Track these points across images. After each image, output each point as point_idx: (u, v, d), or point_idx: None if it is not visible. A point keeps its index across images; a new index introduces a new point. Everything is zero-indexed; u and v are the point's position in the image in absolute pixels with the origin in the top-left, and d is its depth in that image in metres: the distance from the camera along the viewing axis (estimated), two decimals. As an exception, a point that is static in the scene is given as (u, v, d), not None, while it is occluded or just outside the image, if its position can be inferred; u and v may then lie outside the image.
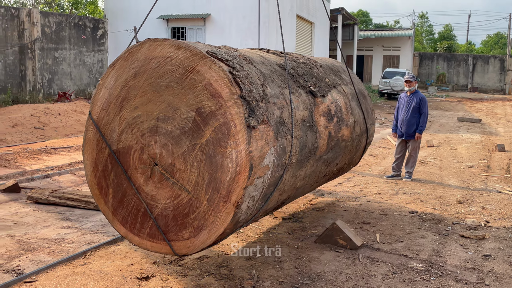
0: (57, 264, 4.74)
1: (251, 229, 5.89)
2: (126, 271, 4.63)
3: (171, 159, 3.93)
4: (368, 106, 6.62)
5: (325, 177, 5.67)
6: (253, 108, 3.83)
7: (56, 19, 22.16)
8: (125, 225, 4.22)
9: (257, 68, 4.33)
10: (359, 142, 6.30)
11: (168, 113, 3.91)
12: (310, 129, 4.76)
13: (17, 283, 4.29)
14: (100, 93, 4.21)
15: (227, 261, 4.89)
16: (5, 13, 19.66)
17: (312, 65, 5.55)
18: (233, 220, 3.85)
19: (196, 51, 3.82)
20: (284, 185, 4.48)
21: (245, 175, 3.73)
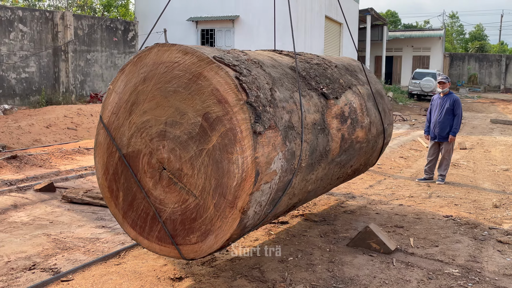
0: (93, 264, 4.82)
1: (283, 231, 5.87)
2: (160, 271, 4.68)
3: (179, 163, 3.95)
4: (386, 106, 6.52)
5: (339, 179, 5.61)
6: (259, 113, 3.81)
7: (89, 21, 22.56)
8: (135, 228, 4.26)
9: (266, 71, 4.31)
10: (376, 143, 6.21)
11: (175, 118, 3.93)
12: (321, 132, 4.71)
13: (54, 281, 4.36)
14: (110, 98, 4.26)
15: (259, 263, 4.89)
16: (40, 16, 20.12)
17: (327, 66, 5.49)
18: (239, 226, 3.85)
19: (202, 56, 3.82)
20: (294, 189, 4.45)
21: (251, 181, 3.72)
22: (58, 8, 31.17)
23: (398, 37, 44.20)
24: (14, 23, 19.05)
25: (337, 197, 7.73)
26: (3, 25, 18.57)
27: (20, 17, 19.26)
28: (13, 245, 5.47)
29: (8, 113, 16.50)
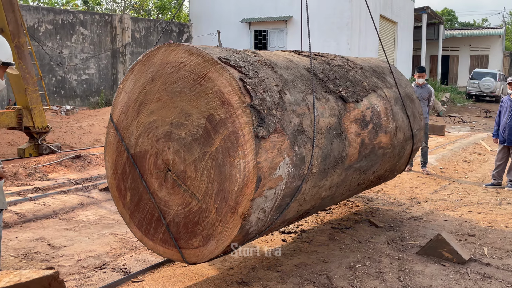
0: (161, 265, 4.81)
1: (347, 236, 5.73)
2: (227, 274, 4.63)
3: (183, 166, 3.88)
4: (416, 111, 6.23)
5: (359, 185, 5.39)
6: (263, 117, 3.69)
7: (145, 24, 23.05)
8: (141, 229, 4.23)
9: (278, 73, 4.17)
10: (403, 148, 5.94)
11: (181, 119, 3.86)
12: (337, 137, 4.53)
13: (126, 282, 4.41)
14: (120, 97, 4.25)
15: (326, 269, 4.77)
16: (99, 20, 20.73)
17: (350, 67, 5.29)
18: (240, 232, 3.75)
19: (208, 57, 3.73)
20: (305, 196, 4.30)
21: (252, 187, 3.60)
22: (114, 11, 31.99)
23: (455, 36, 42.57)
24: (76, 26, 19.70)
25: (401, 202, 7.48)
26: (65, 29, 19.23)
27: (81, 21, 19.91)
28: (83, 244, 5.59)
29: (70, 113, 17.14)
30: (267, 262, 4.88)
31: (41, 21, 18.50)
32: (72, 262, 5.04)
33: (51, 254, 5.28)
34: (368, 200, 7.40)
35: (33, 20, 18.17)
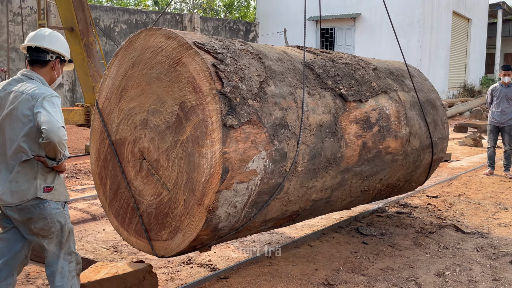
0: (246, 263, 4.78)
1: (432, 241, 5.48)
2: (312, 276, 4.54)
3: (157, 154, 3.75)
4: (438, 118, 5.77)
5: (365, 193, 5.02)
6: (234, 106, 3.49)
7: (214, 23, 23.44)
8: (117, 218, 4.13)
9: (265, 64, 3.96)
10: (419, 157, 5.51)
11: (156, 106, 3.75)
12: (330, 136, 4.24)
13: (213, 278, 4.43)
14: (105, 83, 4.19)
15: (414, 275, 4.58)
16: (170, 19, 21.33)
17: (359, 67, 4.97)
18: (207, 226, 3.56)
19: (182, 41, 3.60)
20: (289, 195, 4.04)
21: (218, 178, 3.42)
22: (182, 11, 32.84)
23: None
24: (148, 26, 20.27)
25: (486, 207, 7.06)
26: (139, 28, 19.92)
27: (153, 20, 20.52)
28: None
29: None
30: (351, 265, 4.77)
31: (117, 21, 19.20)
32: None
33: None
34: (450, 204, 7.09)
35: (109, 20, 18.88)
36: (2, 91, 3.28)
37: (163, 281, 4.40)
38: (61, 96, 17.37)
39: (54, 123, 3.04)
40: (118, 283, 3.82)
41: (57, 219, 3.25)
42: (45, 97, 3.14)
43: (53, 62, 3.42)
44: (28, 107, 3.14)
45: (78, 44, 10.79)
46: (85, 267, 4.11)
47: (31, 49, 3.37)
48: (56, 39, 3.44)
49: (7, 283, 3.30)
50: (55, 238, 3.27)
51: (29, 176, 3.17)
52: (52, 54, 3.39)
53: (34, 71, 3.36)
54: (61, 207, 3.30)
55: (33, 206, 3.18)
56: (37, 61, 3.37)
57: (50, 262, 3.31)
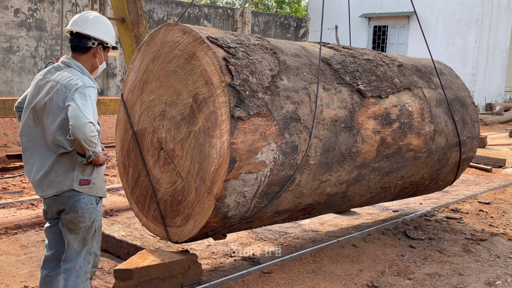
0: (289, 259, 4.78)
1: (483, 249, 5.35)
2: (356, 276, 4.51)
3: (173, 144, 3.93)
4: (468, 116, 5.65)
5: (386, 189, 5.01)
6: (243, 98, 3.61)
7: (265, 18, 23.58)
8: (138, 205, 4.34)
9: (279, 59, 4.05)
10: (445, 155, 5.43)
11: (173, 98, 3.92)
12: (346, 130, 4.27)
13: (256, 272, 4.46)
14: (129, 76, 4.40)
15: (463, 283, 4.51)
16: (222, 13, 21.70)
17: (382, 63, 4.96)
18: (216, 214, 3.70)
19: (197, 36, 3.75)
20: (301, 188, 4.12)
21: (225, 168, 3.55)
22: (234, 5, 33.14)
23: None
24: (200, 19, 20.79)
25: None
26: (191, 22, 20.38)
27: (205, 14, 20.98)
28: None
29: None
30: (396, 268, 4.72)
31: (170, 14, 19.71)
32: (202, 246, 5.17)
33: None
34: (503, 212, 6.88)
35: (163, 13, 19.42)
36: (42, 79, 3.19)
37: (206, 272, 4.48)
38: (113, 86, 17.98)
39: (80, 118, 2.90)
40: (164, 270, 3.95)
41: (88, 214, 3.19)
42: (78, 88, 3.02)
43: (95, 49, 3.28)
44: (62, 99, 3.05)
45: (128, 35, 11.11)
46: (132, 254, 4.32)
47: (73, 34, 3.25)
48: (100, 24, 3.29)
49: (56, 273, 3.38)
50: (80, 234, 3.21)
51: (66, 167, 3.11)
52: (94, 41, 3.25)
53: (74, 58, 3.25)
54: (95, 203, 3.24)
55: (67, 198, 3.13)
56: (78, 47, 3.25)
57: (69, 257, 3.25)
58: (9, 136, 11.07)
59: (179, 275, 4.03)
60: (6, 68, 15.47)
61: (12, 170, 8.35)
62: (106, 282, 4.30)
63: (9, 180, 7.63)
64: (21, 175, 7.90)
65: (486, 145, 13.36)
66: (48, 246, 3.39)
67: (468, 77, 22.13)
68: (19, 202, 6.37)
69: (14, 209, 6.15)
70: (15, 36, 15.54)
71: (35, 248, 4.99)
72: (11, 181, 7.59)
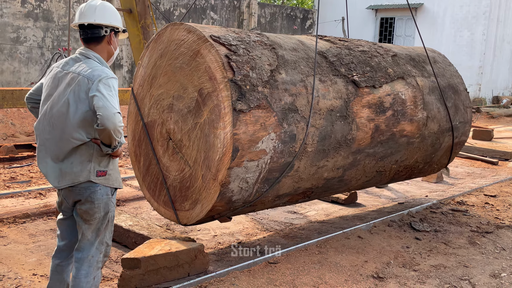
0: (295, 250, 4.83)
1: (489, 241, 5.38)
2: (361, 267, 4.54)
3: (180, 135, 4.26)
4: (460, 102, 5.95)
5: (381, 173, 5.33)
6: (244, 92, 3.92)
7: (271, 10, 23.68)
8: (149, 191, 4.68)
9: (278, 54, 4.35)
10: (438, 140, 5.74)
11: (180, 93, 4.24)
12: (341, 119, 4.58)
13: (262, 262, 4.51)
14: (139, 71, 4.72)
15: (468, 274, 4.54)
16: (228, 5, 21.78)
17: (377, 54, 5.25)
18: (221, 198, 4.03)
19: (200, 35, 4.06)
20: (300, 173, 4.44)
21: (229, 156, 3.88)
22: None
23: None
24: (207, 10, 20.93)
25: None
26: (198, 13, 20.52)
27: (212, 5, 21.09)
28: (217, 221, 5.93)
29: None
30: (402, 259, 4.77)
31: (176, 5, 19.89)
32: (208, 237, 5.34)
33: (190, 227, 5.51)
34: (509, 205, 6.91)
35: (169, 4, 19.60)
36: (61, 71, 3.21)
37: (213, 261, 4.58)
38: (120, 77, 18.28)
39: (109, 109, 2.94)
40: (171, 259, 4.06)
41: (103, 205, 3.24)
42: (101, 79, 3.04)
43: (108, 36, 3.30)
44: (84, 90, 3.06)
45: (135, 26, 11.32)
46: (139, 243, 4.43)
47: (84, 26, 3.24)
48: (107, 10, 3.30)
49: (68, 263, 3.45)
50: (94, 224, 3.26)
51: (83, 158, 3.14)
52: (106, 28, 3.26)
53: (90, 48, 3.26)
54: (110, 194, 3.29)
55: (83, 189, 3.17)
56: (92, 38, 3.25)
57: (82, 247, 3.29)
58: (16, 126, 11.27)
59: (185, 264, 4.15)
60: (13, 58, 15.79)
61: (20, 160, 8.51)
62: (114, 270, 4.44)
63: (17, 170, 7.82)
64: (29, 165, 8.12)
65: (492, 138, 13.43)
66: (61, 236, 3.45)
67: (475, 70, 22.21)
68: (27, 192, 6.52)
69: (22, 198, 6.30)
70: (22, 27, 15.84)
71: (43, 237, 5.14)
72: (19, 171, 7.78)
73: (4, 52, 15.55)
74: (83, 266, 3.25)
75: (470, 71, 22.15)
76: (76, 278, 3.25)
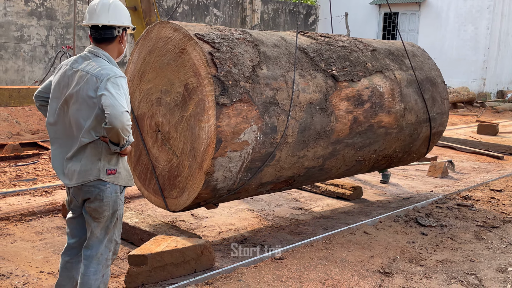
0: (301, 246, 4.86)
1: (495, 236, 5.41)
2: (367, 263, 4.58)
3: (168, 127, 4.54)
4: (438, 94, 6.24)
5: (360, 162, 5.62)
6: (227, 87, 4.20)
7: (274, 6, 23.82)
8: (140, 180, 4.97)
9: (260, 50, 4.62)
10: (415, 131, 6.04)
11: (167, 87, 4.51)
12: (320, 112, 4.86)
13: (268, 258, 4.56)
14: (129, 67, 4.98)
15: (474, 269, 4.56)
16: (231, 1, 21.93)
17: (356, 49, 5.52)
18: (206, 186, 4.32)
19: (186, 33, 4.32)
20: (281, 163, 4.73)
21: (213, 147, 4.16)
22: None
23: None
24: (210, 7, 21.10)
25: None
26: (200, 10, 20.71)
27: (215, 2, 21.27)
28: (222, 217, 5.91)
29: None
30: (408, 255, 4.81)
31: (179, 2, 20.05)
32: (214, 233, 5.40)
33: (195, 224, 5.67)
34: None
35: (172, 1, 19.73)
36: (70, 69, 3.21)
37: (219, 258, 4.63)
38: (124, 74, 18.53)
39: (117, 107, 2.94)
40: (177, 256, 4.12)
41: (112, 203, 3.25)
42: (110, 78, 3.05)
43: (120, 36, 3.32)
44: (93, 89, 3.06)
45: (140, 24, 11.50)
46: (145, 240, 4.50)
47: (97, 27, 3.24)
48: (120, 9, 3.30)
49: (77, 260, 3.46)
50: (103, 222, 3.28)
51: (93, 156, 3.16)
52: (118, 29, 3.27)
53: (101, 47, 3.26)
54: (119, 192, 3.29)
55: (93, 187, 3.19)
56: (104, 39, 3.25)
57: (91, 245, 3.31)
58: (21, 124, 11.41)
59: (192, 260, 4.21)
60: (17, 57, 15.98)
61: (25, 158, 8.59)
62: (120, 267, 4.48)
63: (22, 168, 7.92)
64: (34, 163, 8.26)
65: (497, 132, 13.40)
66: (71, 234, 3.48)
67: (479, 64, 22.27)
68: (33, 189, 6.60)
69: (28, 196, 6.38)
70: (26, 25, 16.01)
71: (49, 235, 5.21)
72: (25, 169, 7.88)
73: (8, 51, 15.74)
74: (92, 264, 3.28)
75: (475, 66, 22.29)
76: (84, 276, 3.28)
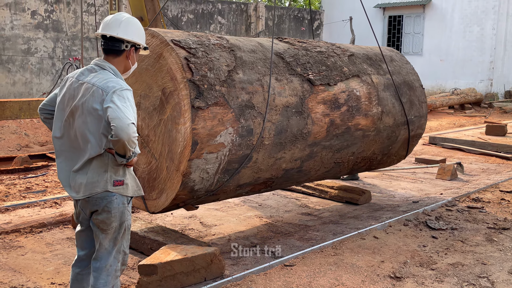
0: (311, 252, 4.85)
1: (506, 238, 5.37)
2: (378, 268, 4.56)
3: (147, 130, 4.68)
4: (415, 98, 6.40)
5: (339, 164, 5.75)
6: (202, 91, 4.34)
7: (278, 12, 24.06)
8: (121, 183, 5.13)
9: (236, 55, 4.77)
10: (393, 133, 6.17)
11: (146, 92, 4.66)
12: (297, 114, 5.00)
13: (278, 265, 4.55)
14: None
15: (486, 271, 4.54)
16: (236, 9, 22.17)
17: (334, 54, 5.67)
18: (184, 188, 4.45)
19: (163, 39, 4.48)
20: (259, 164, 4.86)
21: (189, 149, 4.29)
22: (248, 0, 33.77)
23: None
24: (214, 15, 21.36)
25: None
26: (205, 18, 20.98)
27: (219, 10, 21.53)
28: (231, 224, 5.91)
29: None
30: (419, 259, 4.79)
31: (184, 10, 20.30)
32: (223, 241, 5.38)
33: (204, 232, 5.67)
34: None
35: (177, 10, 20.01)
36: (76, 81, 3.23)
37: (229, 266, 4.63)
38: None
39: (123, 119, 2.96)
40: (187, 265, 4.13)
41: (119, 214, 3.25)
42: (116, 90, 3.07)
43: (128, 51, 3.34)
44: (99, 101, 3.08)
45: None
46: (155, 249, 4.53)
47: (106, 38, 3.29)
48: (132, 26, 3.34)
49: (88, 272, 3.46)
50: (111, 233, 3.28)
51: (99, 168, 3.16)
52: (127, 43, 3.30)
53: (107, 60, 3.30)
54: (126, 203, 3.30)
55: (100, 199, 3.19)
56: (111, 50, 3.29)
57: (100, 256, 3.31)
58: (30, 136, 11.40)
59: (202, 269, 4.21)
60: (25, 69, 16.17)
61: (34, 170, 8.63)
62: (131, 277, 4.47)
63: (32, 180, 7.93)
64: (44, 175, 8.29)
65: (506, 133, 13.19)
66: (80, 246, 3.49)
67: (486, 65, 22.34)
68: (43, 201, 6.60)
69: (38, 208, 6.38)
70: (33, 38, 16.24)
71: (60, 246, 5.20)
72: (34, 181, 7.88)
73: (16, 64, 15.94)
74: (101, 275, 3.28)
75: (481, 66, 22.35)
76: (95, 287, 3.30)
